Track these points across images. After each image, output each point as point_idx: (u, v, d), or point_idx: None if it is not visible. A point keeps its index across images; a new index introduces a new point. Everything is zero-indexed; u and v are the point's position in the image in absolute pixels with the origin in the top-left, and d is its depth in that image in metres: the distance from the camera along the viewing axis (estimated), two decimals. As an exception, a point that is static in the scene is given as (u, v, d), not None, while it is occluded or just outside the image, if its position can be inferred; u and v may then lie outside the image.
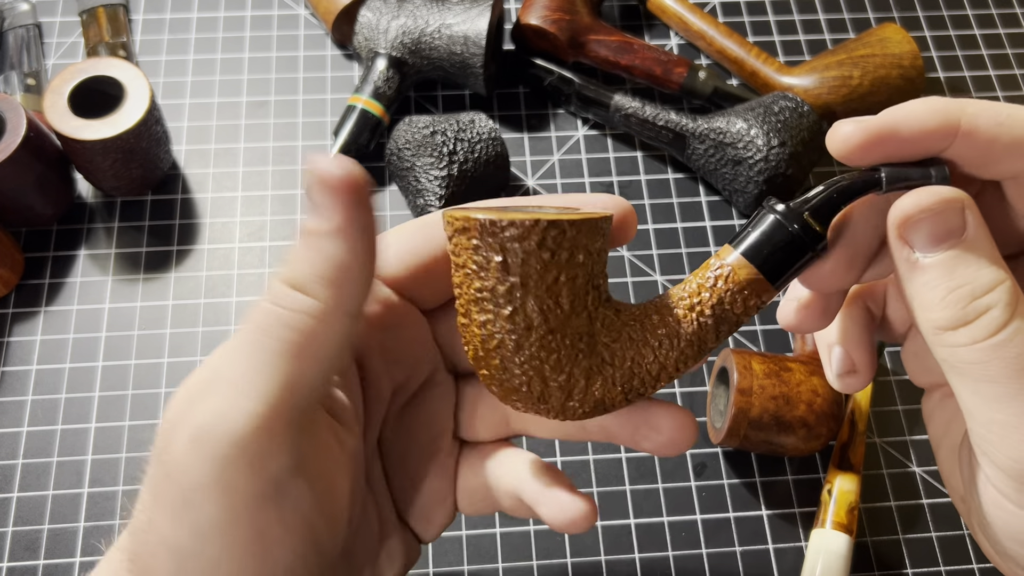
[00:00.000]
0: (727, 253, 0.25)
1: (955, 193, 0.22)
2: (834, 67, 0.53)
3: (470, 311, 0.24)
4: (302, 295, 0.21)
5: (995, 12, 0.61)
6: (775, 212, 0.24)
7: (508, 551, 0.44)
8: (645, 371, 0.25)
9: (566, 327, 0.24)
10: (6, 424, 0.46)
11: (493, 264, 0.23)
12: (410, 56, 0.53)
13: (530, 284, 0.23)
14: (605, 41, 0.55)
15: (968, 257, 0.22)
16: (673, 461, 0.46)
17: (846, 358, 0.28)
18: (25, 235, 0.51)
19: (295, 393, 0.21)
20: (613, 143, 0.56)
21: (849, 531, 0.42)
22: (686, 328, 0.25)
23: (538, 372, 0.24)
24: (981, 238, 0.22)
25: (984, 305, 0.22)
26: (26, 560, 0.43)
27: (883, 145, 0.23)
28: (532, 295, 0.23)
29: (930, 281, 0.23)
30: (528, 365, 0.24)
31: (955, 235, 0.22)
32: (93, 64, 0.48)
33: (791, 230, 0.24)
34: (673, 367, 0.25)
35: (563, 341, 0.24)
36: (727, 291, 0.24)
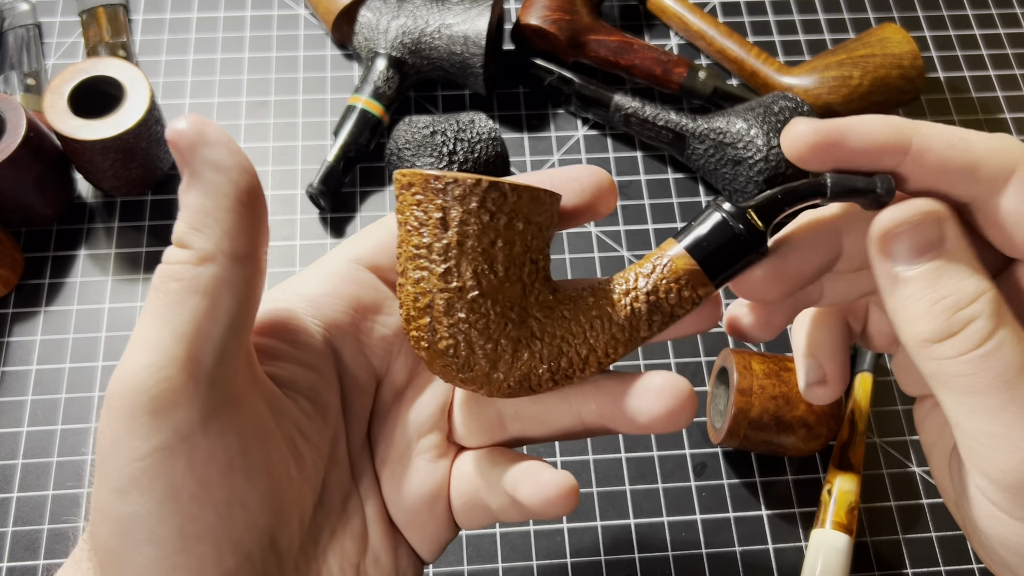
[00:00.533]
0: (669, 246, 0.25)
1: (933, 204, 0.22)
2: (834, 67, 0.53)
3: (406, 269, 0.24)
4: (180, 248, 0.22)
5: (995, 12, 0.61)
6: (720, 210, 0.24)
7: (508, 551, 0.44)
8: (574, 351, 0.25)
9: (498, 293, 0.24)
10: (6, 424, 0.46)
11: (432, 220, 0.23)
12: (410, 56, 0.53)
13: (466, 244, 0.23)
14: (605, 41, 0.55)
15: (950, 268, 0.22)
16: (673, 461, 0.46)
17: (817, 368, 0.28)
18: (25, 235, 0.51)
19: (191, 342, 0.21)
20: (613, 143, 0.56)
21: (849, 531, 0.42)
22: (618, 313, 0.25)
23: (465, 336, 0.24)
24: (962, 249, 0.22)
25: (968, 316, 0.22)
26: (26, 560, 0.43)
27: (832, 150, 0.23)
28: (467, 256, 0.23)
29: (913, 294, 0.23)
30: (456, 328, 0.24)
31: (935, 247, 0.22)
32: (93, 64, 0.48)
33: (733, 227, 0.24)
34: (603, 351, 0.25)
35: (493, 307, 0.24)
36: (663, 280, 0.24)
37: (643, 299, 0.25)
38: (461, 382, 0.25)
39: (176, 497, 0.21)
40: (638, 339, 0.25)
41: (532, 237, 0.24)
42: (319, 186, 0.51)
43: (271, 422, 0.24)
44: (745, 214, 0.24)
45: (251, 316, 0.23)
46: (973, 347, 0.22)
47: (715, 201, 0.25)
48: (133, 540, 0.21)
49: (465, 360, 0.24)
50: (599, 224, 0.53)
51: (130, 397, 0.21)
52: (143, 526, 0.21)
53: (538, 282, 0.25)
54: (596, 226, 0.53)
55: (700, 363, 0.49)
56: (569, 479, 0.25)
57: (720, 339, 0.50)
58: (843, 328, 0.28)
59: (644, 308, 0.25)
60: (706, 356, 0.49)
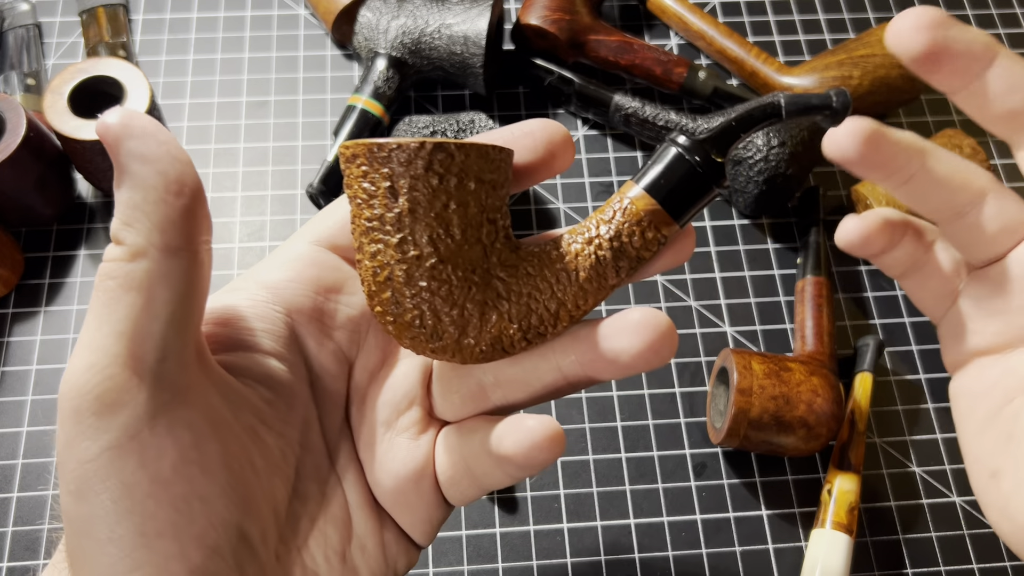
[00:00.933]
0: (628, 188, 0.24)
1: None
2: (834, 67, 0.53)
3: (362, 244, 0.24)
4: (115, 245, 0.22)
5: (995, 12, 0.61)
6: (676, 144, 0.24)
7: (508, 551, 0.44)
8: (543, 307, 0.24)
9: (457, 258, 0.23)
10: (6, 424, 0.46)
11: (381, 190, 0.23)
12: (410, 56, 0.53)
13: (419, 211, 0.23)
14: (605, 41, 0.55)
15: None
16: (673, 461, 0.46)
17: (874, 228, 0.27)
18: (25, 235, 0.51)
19: (131, 340, 0.21)
20: (613, 143, 0.56)
21: (849, 531, 0.42)
22: (583, 262, 0.24)
23: (430, 305, 0.24)
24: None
25: None
26: (26, 560, 0.43)
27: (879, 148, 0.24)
28: (421, 222, 0.23)
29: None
30: (419, 297, 0.23)
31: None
32: (93, 64, 0.48)
33: (690, 161, 0.24)
34: (572, 304, 0.24)
35: (455, 272, 0.23)
36: (625, 223, 0.24)
37: (606, 246, 0.24)
38: (432, 352, 0.25)
39: (131, 495, 0.21)
40: (607, 287, 0.24)
41: (487, 196, 0.24)
42: (319, 186, 0.51)
43: (227, 413, 0.24)
44: (704, 147, 0.24)
45: (195, 308, 0.23)
46: None
47: (670, 137, 0.24)
48: (94, 540, 0.21)
49: (433, 329, 0.24)
50: (599, 224, 0.53)
51: (75, 399, 0.21)
52: (102, 526, 0.21)
53: (498, 241, 0.24)
54: (596, 226, 0.53)
55: (700, 363, 0.49)
56: (553, 422, 0.25)
57: (720, 339, 0.50)
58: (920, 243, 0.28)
59: (609, 255, 0.24)
60: (706, 356, 0.49)
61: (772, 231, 0.53)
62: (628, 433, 0.47)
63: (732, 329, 0.50)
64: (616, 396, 0.48)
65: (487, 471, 0.26)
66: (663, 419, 0.47)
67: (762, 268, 0.52)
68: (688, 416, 0.48)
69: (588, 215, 0.25)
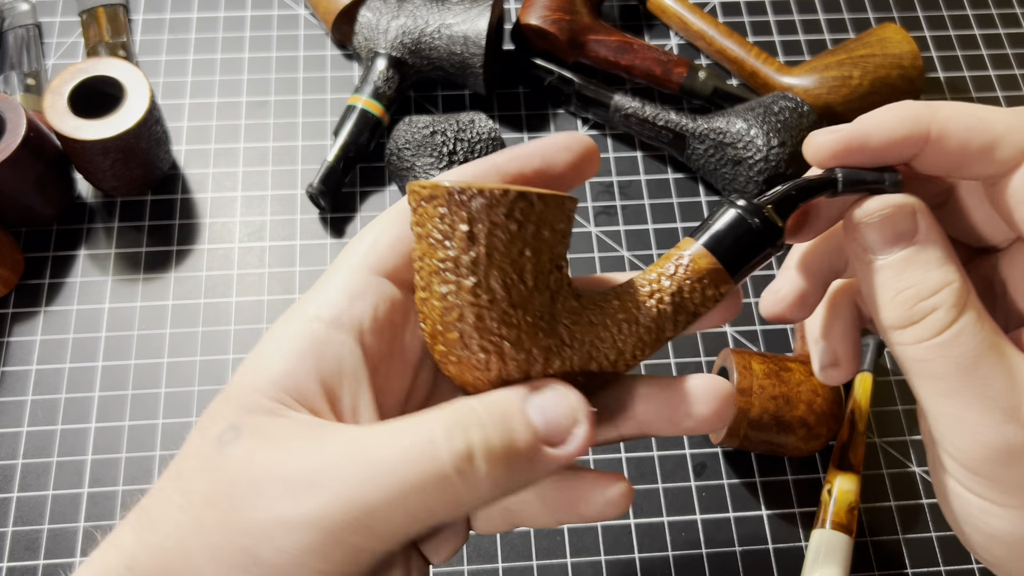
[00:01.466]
0: (688, 244, 0.26)
1: (907, 199, 0.24)
2: (834, 67, 0.53)
3: (431, 283, 0.24)
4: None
5: (995, 12, 0.61)
6: (736, 207, 0.25)
7: (508, 551, 0.44)
8: (603, 355, 0.25)
9: (528, 304, 0.24)
10: (6, 424, 0.46)
11: (459, 233, 0.23)
12: (410, 56, 0.53)
13: (495, 256, 0.23)
14: (605, 41, 0.55)
15: (918, 259, 0.23)
16: (673, 461, 0.46)
17: (829, 351, 0.29)
18: (25, 235, 0.51)
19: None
20: (613, 143, 0.56)
21: (849, 531, 0.42)
22: (645, 315, 0.25)
23: (497, 348, 0.24)
24: (932, 240, 0.24)
25: (929, 307, 0.23)
26: (26, 560, 0.43)
27: (854, 154, 0.24)
28: (496, 267, 0.23)
29: (882, 282, 0.24)
30: (488, 341, 0.23)
31: (906, 238, 0.23)
32: (93, 64, 0.48)
33: (751, 224, 0.25)
34: (630, 353, 0.25)
35: (524, 318, 0.24)
36: (687, 280, 0.25)
37: (668, 300, 0.25)
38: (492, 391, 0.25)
39: None
40: (664, 339, 0.25)
41: (556, 244, 0.24)
42: (319, 186, 0.51)
43: None
44: (762, 211, 0.25)
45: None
46: (931, 336, 0.23)
47: (729, 198, 0.25)
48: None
49: (498, 372, 0.24)
50: (599, 224, 0.53)
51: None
52: None
53: (563, 288, 0.25)
54: (596, 226, 0.53)
55: (700, 363, 0.49)
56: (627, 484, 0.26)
57: (720, 339, 0.50)
58: (853, 311, 0.29)
59: (669, 309, 0.25)
60: (706, 356, 0.49)
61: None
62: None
63: (732, 329, 0.50)
64: (616, 396, 0.48)
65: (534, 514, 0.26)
66: (663, 419, 0.47)
67: (762, 268, 0.52)
68: (688, 416, 0.48)
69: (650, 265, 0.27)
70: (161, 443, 0.46)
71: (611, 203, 0.53)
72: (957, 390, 0.23)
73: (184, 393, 0.47)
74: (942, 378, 0.23)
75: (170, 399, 0.47)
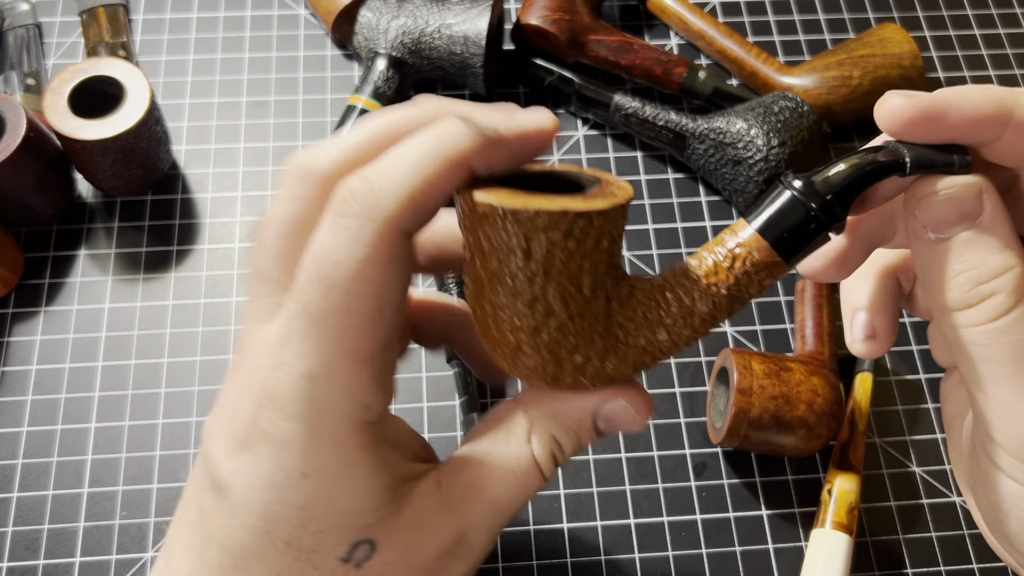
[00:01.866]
0: (742, 229, 0.24)
1: (974, 178, 0.23)
2: (834, 67, 0.53)
3: (483, 288, 0.24)
4: None
5: (995, 12, 0.61)
6: (793, 189, 0.24)
7: (508, 551, 0.44)
8: (658, 349, 0.25)
9: (585, 312, 0.23)
10: (6, 424, 0.46)
11: (517, 251, 0.22)
12: (410, 56, 0.53)
13: (553, 272, 0.22)
14: (605, 41, 0.55)
15: (980, 241, 0.23)
16: (673, 461, 0.46)
17: (868, 323, 0.29)
18: (25, 235, 0.51)
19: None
20: (613, 143, 0.56)
21: (849, 531, 0.42)
22: (700, 308, 0.24)
23: (553, 355, 0.24)
24: (997, 223, 0.23)
25: (989, 290, 0.22)
26: (26, 560, 0.43)
27: (931, 125, 0.23)
28: (554, 282, 0.23)
29: (941, 261, 0.23)
30: (545, 349, 0.24)
31: (969, 218, 0.23)
32: (93, 64, 0.48)
33: (811, 210, 0.23)
34: (684, 343, 0.25)
35: (581, 325, 0.23)
36: (744, 272, 0.24)
37: (724, 293, 0.24)
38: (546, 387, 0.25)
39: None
40: (716, 326, 0.25)
41: (614, 250, 0.24)
42: (319, 186, 0.51)
43: None
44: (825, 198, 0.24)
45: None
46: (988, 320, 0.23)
47: (785, 179, 0.24)
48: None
49: (554, 373, 0.24)
50: (599, 224, 0.53)
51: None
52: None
53: (618, 285, 0.24)
54: (596, 226, 0.53)
55: (700, 363, 0.49)
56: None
57: (720, 339, 0.50)
58: (894, 286, 0.29)
59: (725, 301, 0.24)
60: (706, 356, 0.49)
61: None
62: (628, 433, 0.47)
63: (732, 329, 0.50)
64: (616, 396, 0.48)
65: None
66: (663, 419, 0.47)
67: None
68: (688, 416, 0.48)
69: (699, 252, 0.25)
70: (161, 443, 0.46)
71: (611, 203, 0.53)
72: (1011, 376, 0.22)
73: (184, 393, 0.47)
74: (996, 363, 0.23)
75: (170, 399, 0.47)
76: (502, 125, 0.23)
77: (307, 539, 0.23)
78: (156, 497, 0.45)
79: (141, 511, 0.44)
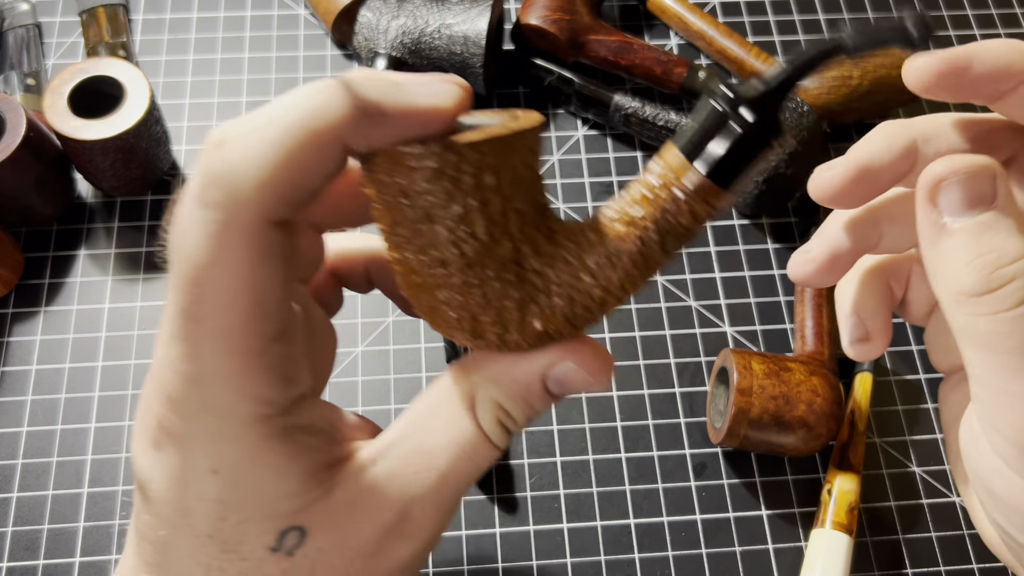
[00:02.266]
0: (671, 156, 0.22)
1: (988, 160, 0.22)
2: (834, 67, 0.53)
3: (389, 247, 0.22)
4: None
5: (995, 12, 0.61)
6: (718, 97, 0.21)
7: (508, 551, 0.44)
8: (587, 296, 0.22)
9: (486, 258, 0.21)
10: (6, 424, 0.46)
11: (398, 196, 0.21)
12: (410, 56, 0.53)
13: (436, 216, 0.20)
14: (605, 41, 0.55)
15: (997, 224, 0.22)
16: (673, 461, 0.46)
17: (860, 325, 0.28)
18: (25, 235, 0.51)
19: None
20: (613, 143, 0.56)
21: (849, 531, 0.42)
22: (627, 246, 0.22)
23: (465, 309, 0.22)
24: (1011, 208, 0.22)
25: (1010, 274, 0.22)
26: (26, 560, 0.43)
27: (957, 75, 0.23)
28: (440, 226, 0.21)
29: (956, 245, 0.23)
30: (453, 302, 0.22)
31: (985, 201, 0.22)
32: (93, 64, 0.48)
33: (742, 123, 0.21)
34: (619, 289, 0.22)
35: (486, 273, 0.21)
36: (671, 200, 0.22)
37: (652, 226, 0.22)
38: (476, 348, 0.23)
39: None
40: (655, 266, 0.22)
41: (510, 185, 0.21)
42: (319, 186, 0.51)
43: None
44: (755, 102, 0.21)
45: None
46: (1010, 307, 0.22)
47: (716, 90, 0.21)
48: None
49: (472, 330, 0.22)
50: (599, 224, 0.53)
51: None
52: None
53: (527, 228, 0.22)
54: (596, 226, 0.53)
55: (700, 363, 0.49)
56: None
57: (720, 339, 0.50)
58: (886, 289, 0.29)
59: (655, 236, 0.22)
60: (706, 356, 0.49)
61: (772, 231, 0.53)
62: (628, 433, 0.47)
63: (732, 329, 0.50)
64: (616, 396, 0.48)
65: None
66: (663, 419, 0.47)
67: (762, 268, 0.52)
68: (688, 416, 0.48)
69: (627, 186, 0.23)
70: (161, 443, 0.46)
71: (611, 203, 0.53)
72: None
73: (184, 393, 0.47)
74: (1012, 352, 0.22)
75: (170, 399, 0.47)
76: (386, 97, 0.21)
77: (230, 531, 0.22)
78: (156, 497, 0.45)
79: (141, 511, 0.44)
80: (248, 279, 0.20)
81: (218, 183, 0.20)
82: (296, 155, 0.20)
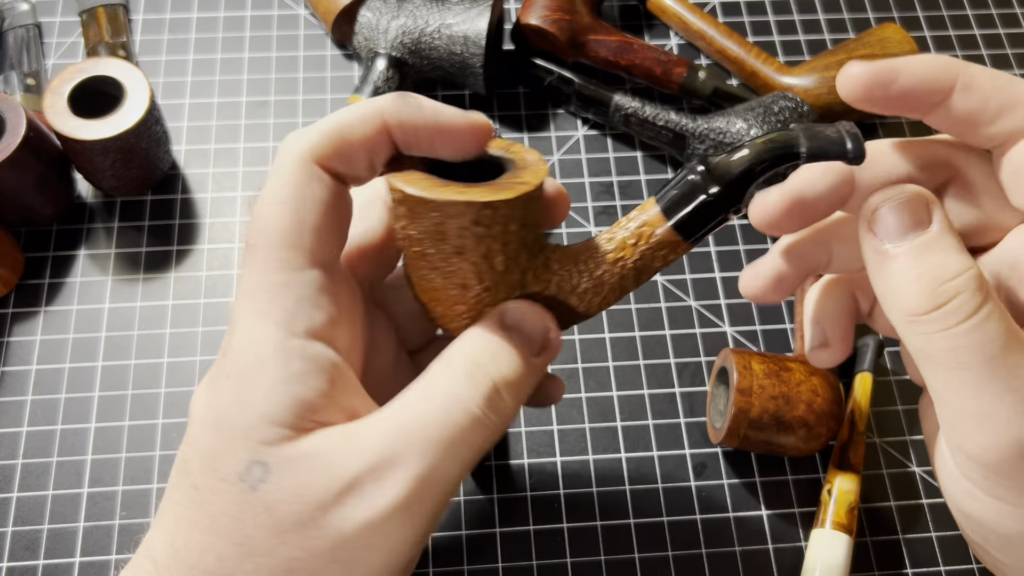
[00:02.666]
0: (650, 208, 0.28)
1: (919, 189, 0.24)
2: (834, 67, 0.53)
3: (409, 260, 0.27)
4: None
5: (995, 12, 0.61)
6: (695, 174, 0.27)
7: (508, 551, 0.44)
8: (571, 312, 0.28)
9: (500, 284, 0.27)
10: (6, 424, 0.46)
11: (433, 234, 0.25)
12: (410, 56, 0.53)
13: (466, 252, 0.25)
14: (605, 41, 0.55)
15: (937, 244, 0.23)
16: (673, 461, 0.46)
17: (820, 333, 0.30)
18: (25, 235, 0.51)
19: None
20: (613, 143, 0.56)
21: (849, 531, 0.42)
22: (609, 279, 0.28)
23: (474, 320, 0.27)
24: (947, 230, 0.23)
25: (954, 289, 0.22)
26: (26, 560, 0.43)
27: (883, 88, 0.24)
28: (467, 261, 0.26)
29: (900, 268, 0.23)
30: (467, 314, 0.27)
31: (922, 225, 0.23)
32: (93, 64, 0.48)
33: (708, 195, 0.26)
34: (596, 308, 0.28)
35: (496, 295, 0.27)
36: (648, 248, 0.27)
37: (631, 265, 0.28)
38: None
39: None
40: (625, 293, 0.29)
41: (525, 227, 0.26)
42: (319, 186, 0.51)
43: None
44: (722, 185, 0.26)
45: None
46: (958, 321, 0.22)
47: (691, 164, 0.27)
48: None
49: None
50: (599, 224, 0.53)
51: None
52: None
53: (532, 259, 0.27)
54: (596, 226, 0.53)
55: (700, 363, 0.49)
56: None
57: (720, 339, 0.50)
58: (849, 300, 0.30)
59: (632, 274, 0.28)
60: (706, 356, 0.49)
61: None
62: (628, 433, 0.47)
63: (732, 329, 0.50)
64: (616, 396, 0.48)
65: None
66: (663, 419, 0.47)
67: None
68: (688, 416, 0.48)
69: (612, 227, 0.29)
70: (161, 443, 0.46)
71: (611, 203, 0.53)
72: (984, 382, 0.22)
73: (184, 393, 0.47)
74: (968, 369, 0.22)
75: (170, 399, 0.47)
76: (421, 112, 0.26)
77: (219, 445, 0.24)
78: (156, 497, 0.45)
79: (141, 511, 0.44)
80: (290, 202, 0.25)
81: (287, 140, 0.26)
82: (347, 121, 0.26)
